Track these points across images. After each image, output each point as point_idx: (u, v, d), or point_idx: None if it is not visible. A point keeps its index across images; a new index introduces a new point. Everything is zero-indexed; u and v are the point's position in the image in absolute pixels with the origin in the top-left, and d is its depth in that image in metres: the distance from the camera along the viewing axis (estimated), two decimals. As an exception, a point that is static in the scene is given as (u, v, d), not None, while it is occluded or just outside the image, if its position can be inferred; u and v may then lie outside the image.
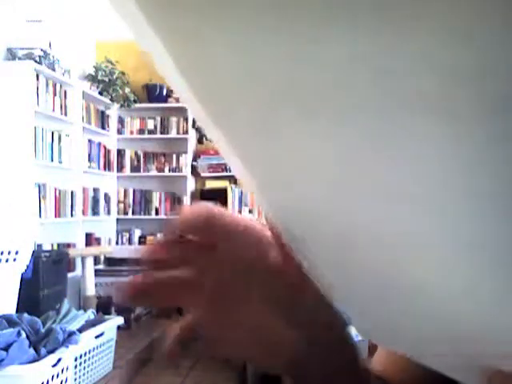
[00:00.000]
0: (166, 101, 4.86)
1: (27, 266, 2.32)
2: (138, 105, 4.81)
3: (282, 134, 0.15)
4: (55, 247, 3.98)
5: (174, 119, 4.91)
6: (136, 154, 4.99)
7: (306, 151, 0.15)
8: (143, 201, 4.98)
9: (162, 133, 4.94)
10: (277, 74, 0.13)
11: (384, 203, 0.15)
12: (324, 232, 0.20)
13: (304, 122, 0.14)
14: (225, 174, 4.85)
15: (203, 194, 4.87)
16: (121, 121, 4.98)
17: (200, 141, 4.97)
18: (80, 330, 2.27)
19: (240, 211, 4.84)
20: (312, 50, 0.12)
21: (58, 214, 3.98)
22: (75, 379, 2.35)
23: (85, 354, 2.45)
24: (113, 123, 4.91)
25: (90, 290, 3.57)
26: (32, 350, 1.92)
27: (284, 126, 0.15)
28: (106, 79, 4.62)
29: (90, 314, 2.57)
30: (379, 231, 0.17)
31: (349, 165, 0.15)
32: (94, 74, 4.61)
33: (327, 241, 0.20)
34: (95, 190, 4.62)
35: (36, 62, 3.64)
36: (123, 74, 4.69)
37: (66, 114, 4.06)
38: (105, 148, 4.76)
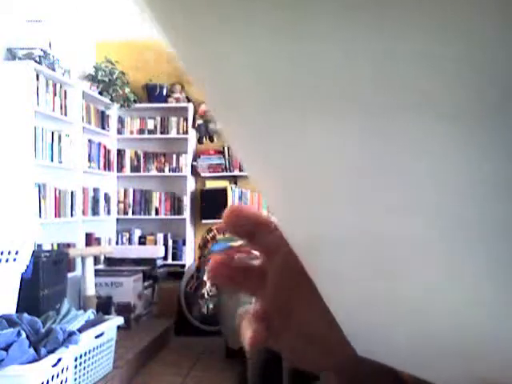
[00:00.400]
0: (165, 101, 4.86)
1: (27, 266, 2.32)
2: (137, 105, 4.81)
3: (285, 133, 0.15)
4: (55, 247, 3.98)
5: (173, 119, 4.91)
6: (136, 154, 4.99)
7: (308, 151, 0.15)
8: (143, 201, 4.98)
9: (162, 133, 4.94)
10: (281, 73, 0.13)
11: (384, 205, 0.15)
12: (323, 238, 0.19)
13: (307, 121, 0.14)
14: (225, 173, 4.85)
15: (203, 194, 4.88)
16: (121, 121, 4.98)
17: (200, 141, 4.97)
18: (80, 330, 2.27)
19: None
20: (315, 48, 0.11)
21: (58, 213, 3.98)
22: (75, 379, 2.35)
23: (85, 353, 2.45)
24: (113, 123, 4.91)
25: (90, 290, 3.57)
26: (32, 350, 1.92)
27: (287, 125, 0.14)
28: (106, 79, 4.62)
29: (90, 313, 2.57)
30: (379, 236, 0.17)
31: (351, 165, 0.14)
32: (93, 73, 4.61)
33: (327, 248, 0.20)
34: (95, 190, 4.62)
35: (36, 62, 3.64)
36: (123, 73, 4.69)
37: (66, 114, 4.06)
38: (105, 148, 4.76)
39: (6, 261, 2.19)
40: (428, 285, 0.18)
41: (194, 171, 4.94)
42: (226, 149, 4.80)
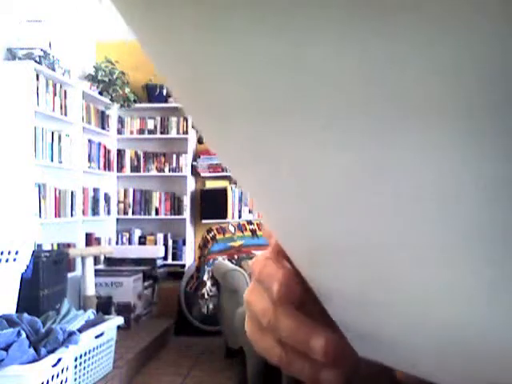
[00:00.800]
0: (166, 101, 4.86)
1: (27, 266, 2.32)
2: (137, 105, 4.81)
3: (279, 142, 0.15)
4: (55, 247, 3.98)
5: (173, 119, 4.91)
6: (136, 154, 4.98)
7: (306, 161, 0.15)
8: (143, 201, 4.97)
9: (162, 133, 4.93)
10: (274, 79, 0.12)
11: (383, 212, 0.15)
12: (321, 245, 0.19)
13: (302, 127, 0.14)
14: (225, 173, 4.85)
15: (203, 194, 4.87)
16: (121, 121, 4.98)
17: (200, 141, 4.97)
18: (80, 330, 2.27)
19: (240, 211, 4.84)
20: (308, 52, 0.11)
21: (58, 213, 3.98)
22: (75, 379, 2.35)
23: (85, 353, 2.45)
24: (113, 123, 4.91)
25: (90, 290, 3.56)
26: (32, 350, 1.92)
27: (280, 133, 0.14)
28: (106, 79, 4.61)
29: (90, 313, 2.57)
30: (379, 240, 0.17)
31: (350, 173, 0.14)
32: (94, 74, 4.61)
33: (326, 257, 0.20)
34: (95, 190, 4.62)
35: (36, 62, 3.64)
36: (123, 73, 4.69)
37: (66, 114, 4.06)
38: (105, 148, 4.76)
39: (6, 261, 2.19)
40: (428, 287, 0.18)
41: (194, 171, 4.94)
42: (225, 149, 4.79)
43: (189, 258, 4.87)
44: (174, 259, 4.88)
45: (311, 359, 0.26)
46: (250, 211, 4.82)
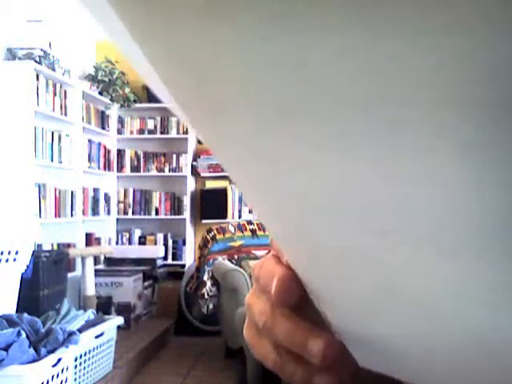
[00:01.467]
0: (166, 101, 4.86)
1: (27, 266, 2.32)
2: (137, 105, 4.81)
3: (277, 145, 0.15)
4: (55, 247, 3.98)
5: (173, 119, 4.91)
6: (136, 154, 4.98)
7: (306, 165, 0.15)
8: (143, 201, 4.98)
9: (162, 133, 4.94)
10: (273, 82, 0.12)
11: (383, 215, 0.15)
12: (321, 248, 0.19)
13: (299, 131, 0.14)
14: (225, 173, 4.82)
15: (203, 194, 4.87)
16: (121, 121, 4.98)
17: (200, 141, 4.96)
18: (80, 330, 2.27)
19: (240, 211, 4.85)
20: (311, 55, 0.11)
21: (58, 214, 3.98)
22: (75, 379, 2.35)
23: (85, 353, 2.45)
24: (113, 123, 4.91)
25: (90, 290, 3.57)
26: (32, 350, 1.92)
27: (277, 137, 0.14)
28: (106, 79, 4.61)
29: (90, 313, 2.57)
30: (379, 242, 0.17)
31: (350, 175, 0.14)
32: (94, 74, 4.61)
33: (325, 261, 0.20)
34: (95, 190, 4.62)
35: (36, 62, 3.64)
36: (123, 74, 4.69)
37: (66, 114, 4.06)
38: (105, 148, 4.76)
39: (6, 261, 2.19)
40: (429, 291, 0.17)
41: (194, 171, 4.94)
42: (225, 149, 4.80)
43: (189, 257, 4.88)
44: (174, 259, 4.88)
45: (304, 363, 0.26)
46: (250, 211, 4.82)
